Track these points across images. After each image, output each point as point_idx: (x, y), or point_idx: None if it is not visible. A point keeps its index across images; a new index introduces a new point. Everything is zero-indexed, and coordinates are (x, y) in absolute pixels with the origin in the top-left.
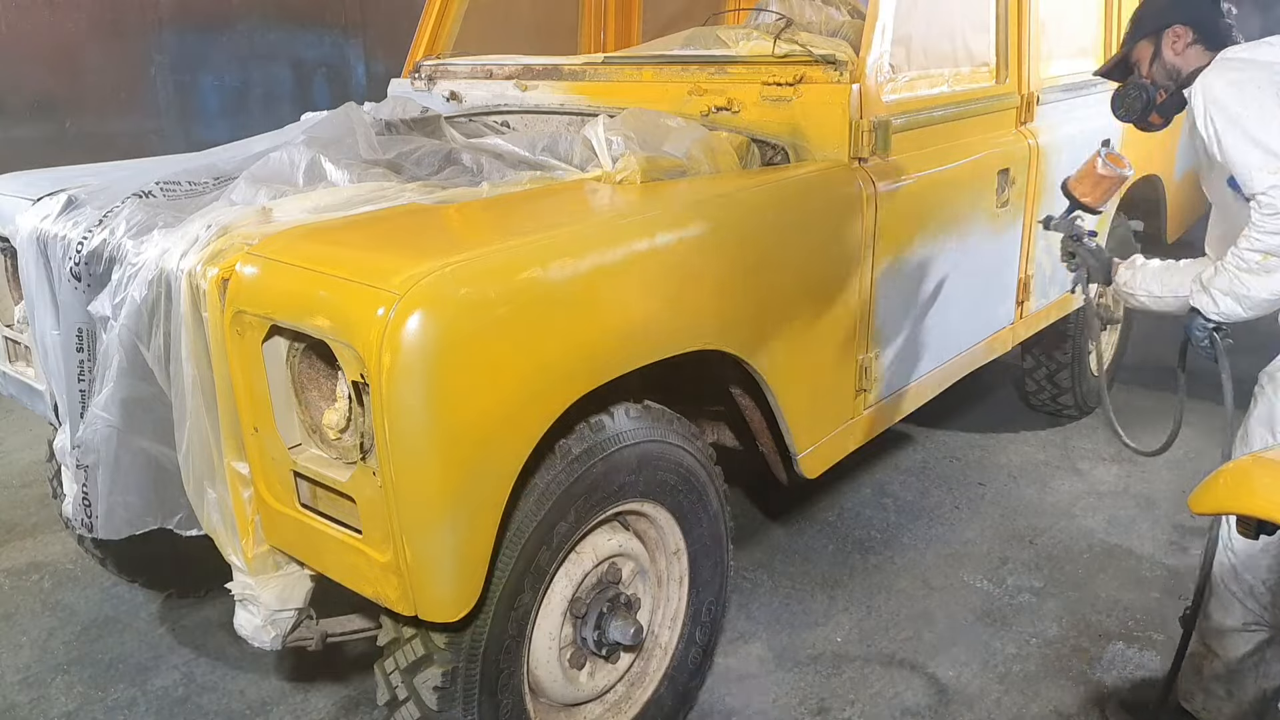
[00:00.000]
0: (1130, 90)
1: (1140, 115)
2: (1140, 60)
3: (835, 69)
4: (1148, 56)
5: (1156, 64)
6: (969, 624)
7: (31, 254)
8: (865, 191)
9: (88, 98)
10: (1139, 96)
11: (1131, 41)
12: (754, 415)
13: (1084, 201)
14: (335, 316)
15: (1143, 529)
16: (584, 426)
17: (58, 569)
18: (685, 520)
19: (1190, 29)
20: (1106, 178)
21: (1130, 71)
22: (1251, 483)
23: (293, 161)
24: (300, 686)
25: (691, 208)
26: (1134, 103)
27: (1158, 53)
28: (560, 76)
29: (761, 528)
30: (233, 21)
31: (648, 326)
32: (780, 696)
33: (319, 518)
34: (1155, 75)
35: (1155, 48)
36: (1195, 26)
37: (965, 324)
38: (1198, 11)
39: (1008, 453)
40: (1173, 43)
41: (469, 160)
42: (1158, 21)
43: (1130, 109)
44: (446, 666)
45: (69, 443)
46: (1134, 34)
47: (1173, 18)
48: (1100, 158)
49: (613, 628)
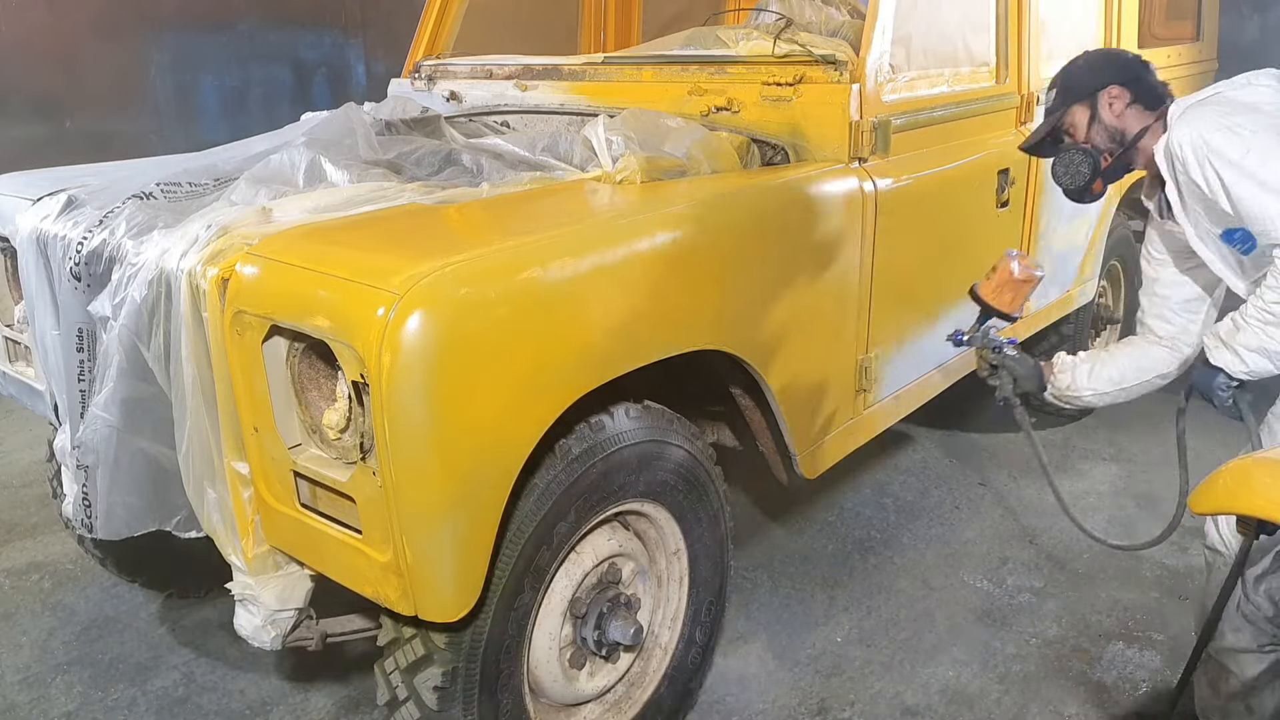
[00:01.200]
0: (1074, 156)
1: (1087, 181)
2: (1074, 126)
3: (835, 69)
4: (1084, 121)
5: (1095, 127)
6: (969, 624)
7: (31, 254)
8: (865, 191)
9: (88, 98)
10: (1084, 161)
11: (1061, 108)
12: (754, 415)
13: (1001, 309)
14: (335, 316)
15: (1143, 529)
16: (584, 426)
17: (58, 569)
18: (685, 520)
19: (1126, 89)
20: (1024, 281)
21: (1060, 141)
22: (1251, 483)
23: (293, 162)
24: (300, 686)
25: (691, 208)
26: (1080, 168)
27: (1095, 116)
28: (560, 76)
29: (761, 528)
30: (233, 21)
31: (647, 326)
32: (780, 696)
33: (319, 518)
34: (1095, 139)
35: (1091, 111)
36: (1130, 86)
37: (965, 324)
38: (1130, 71)
39: (1008, 453)
40: (1109, 104)
41: (469, 160)
42: (1090, 85)
43: (1076, 176)
44: (446, 666)
45: (69, 443)
46: (1063, 100)
47: (1106, 79)
48: (1014, 261)
49: (613, 628)
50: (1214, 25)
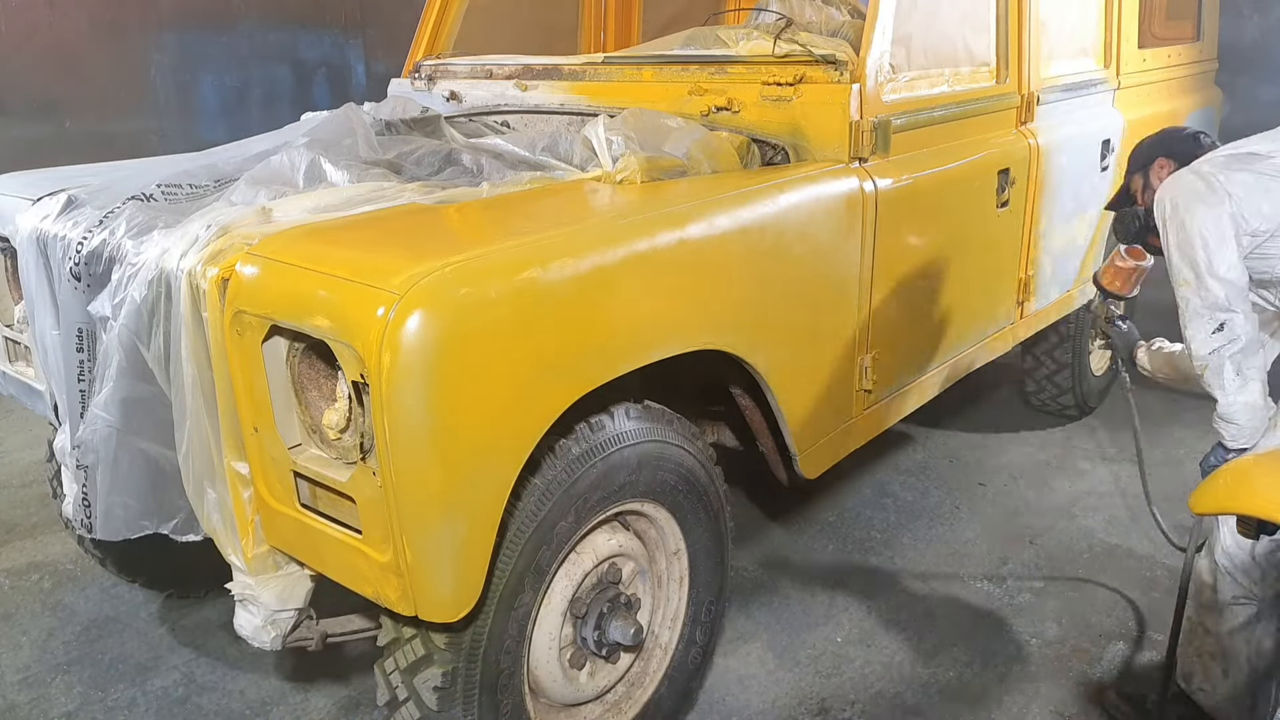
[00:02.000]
0: (1125, 215)
1: (1137, 235)
2: (1136, 190)
3: (835, 69)
4: (1140, 187)
5: (1147, 193)
6: (969, 624)
7: (31, 254)
8: (865, 191)
9: (88, 98)
10: (1132, 219)
11: (1129, 176)
12: (754, 415)
13: (1114, 291)
14: (335, 316)
15: (1143, 529)
16: (584, 426)
17: (58, 569)
18: (685, 520)
19: (1172, 160)
20: (1127, 269)
21: (1132, 201)
22: (1251, 483)
23: (293, 162)
24: (300, 686)
25: (691, 208)
26: (1129, 224)
27: (1147, 183)
28: (560, 76)
29: (761, 528)
30: (233, 21)
31: (647, 326)
32: (780, 696)
33: (319, 518)
34: (1147, 201)
35: (1145, 179)
36: (1178, 159)
37: (965, 324)
38: (1181, 146)
39: (1008, 453)
40: (1159, 172)
41: (469, 160)
42: (1147, 157)
43: (1127, 231)
44: (446, 666)
45: (69, 443)
46: (1130, 170)
47: (1159, 152)
48: (1120, 252)
49: (613, 628)
50: (1214, 25)
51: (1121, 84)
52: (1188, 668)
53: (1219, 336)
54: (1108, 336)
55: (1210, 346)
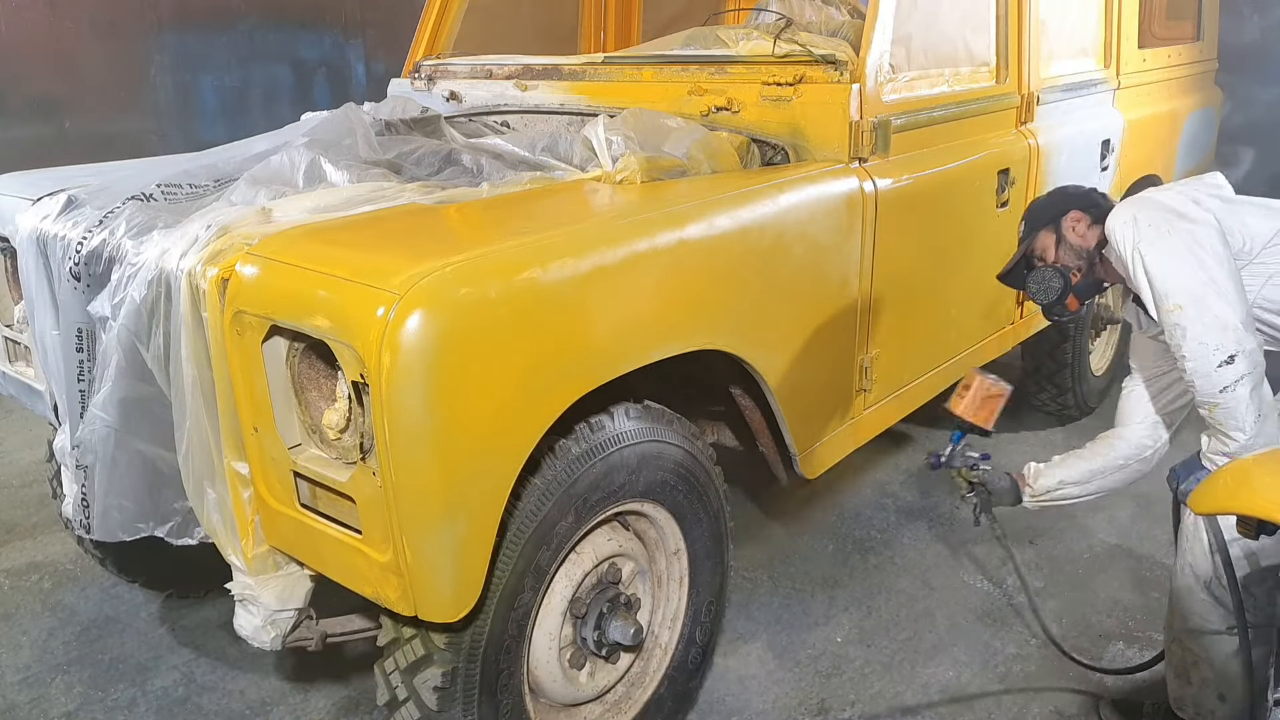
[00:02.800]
0: (1045, 273)
1: (1060, 296)
2: (1044, 249)
3: (835, 69)
4: (1052, 244)
5: (1062, 249)
6: (969, 624)
7: (31, 254)
8: (865, 191)
9: (88, 98)
10: (1055, 277)
11: (1030, 237)
12: (754, 415)
13: (978, 425)
14: (335, 316)
15: (1142, 529)
16: (584, 426)
17: (58, 569)
18: (685, 520)
19: (1085, 213)
20: (994, 396)
21: (1032, 266)
22: (1251, 483)
23: (293, 162)
24: (300, 686)
25: (691, 208)
26: (1051, 283)
27: (1060, 239)
28: (560, 76)
29: (761, 528)
30: (233, 21)
31: (647, 326)
32: (780, 696)
33: (319, 518)
34: (1063, 259)
35: (1057, 235)
36: (1088, 210)
37: (965, 324)
38: (1087, 200)
39: (1008, 453)
40: (1073, 226)
41: (469, 160)
42: (1053, 213)
43: (1049, 291)
44: (446, 666)
45: (68, 443)
46: (1030, 229)
47: (1067, 207)
48: (982, 377)
49: (613, 628)
50: (1214, 25)
51: (1121, 84)
52: (1180, 695)
53: (1229, 371)
54: (972, 485)
55: (1221, 383)
